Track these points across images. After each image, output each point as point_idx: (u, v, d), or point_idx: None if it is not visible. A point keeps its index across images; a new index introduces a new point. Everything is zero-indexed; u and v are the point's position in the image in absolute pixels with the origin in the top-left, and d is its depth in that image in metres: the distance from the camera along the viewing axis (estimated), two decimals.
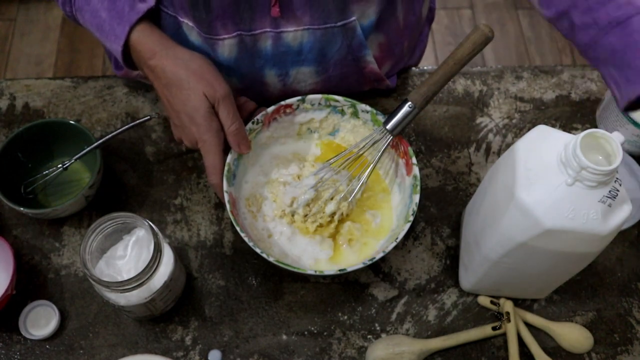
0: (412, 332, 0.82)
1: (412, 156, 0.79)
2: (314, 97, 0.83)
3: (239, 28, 0.78)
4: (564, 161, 0.61)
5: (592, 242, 0.65)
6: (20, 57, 2.06)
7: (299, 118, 0.85)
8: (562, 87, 1.00)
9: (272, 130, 0.85)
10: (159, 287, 0.74)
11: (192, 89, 0.75)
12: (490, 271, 0.75)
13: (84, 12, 0.79)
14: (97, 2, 0.78)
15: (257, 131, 0.83)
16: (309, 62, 0.83)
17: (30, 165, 0.89)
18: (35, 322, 0.81)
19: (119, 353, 0.80)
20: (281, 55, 0.82)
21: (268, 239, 0.82)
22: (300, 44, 0.81)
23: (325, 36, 0.80)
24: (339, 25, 0.79)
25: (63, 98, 0.98)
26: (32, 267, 0.85)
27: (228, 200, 0.77)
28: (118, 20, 0.77)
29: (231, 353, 0.81)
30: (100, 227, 0.73)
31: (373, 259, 0.74)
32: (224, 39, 0.80)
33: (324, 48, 0.82)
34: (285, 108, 0.83)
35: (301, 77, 0.86)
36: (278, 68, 0.84)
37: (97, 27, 0.79)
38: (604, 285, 0.85)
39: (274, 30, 0.79)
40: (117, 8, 0.77)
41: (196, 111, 0.75)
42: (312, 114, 0.85)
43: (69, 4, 0.80)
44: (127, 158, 0.93)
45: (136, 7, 0.77)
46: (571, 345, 0.81)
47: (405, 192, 0.81)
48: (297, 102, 0.83)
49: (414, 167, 0.79)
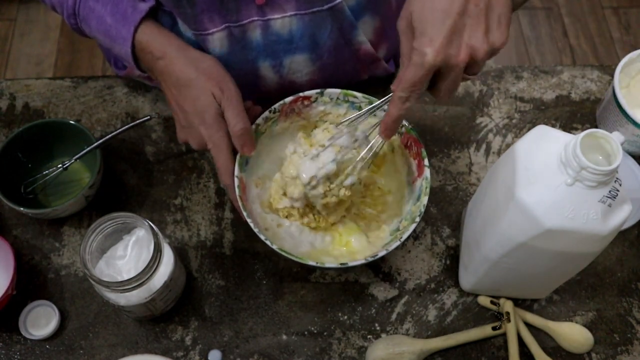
0: (412, 332, 0.82)
1: (425, 157, 0.78)
2: (333, 91, 0.81)
3: (226, 20, 0.78)
4: (564, 161, 0.61)
5: (592, 242, 0.65)
6: (20, 57, 2.06)
7: (316, 111, 0.84)
8: (562, 87, 1.00)
9: (289, 121, 0.84)
10: (159, 287, 0.74)
11: (201, 88, 0.75)
12: (490, 271, 0.75)
13: (89, 20, 0.80)
14: (101, 9, 0.78)
15: (273, 120, 0.82)
16: (302, 49, 0.83)
17: (30, 165, 0.89)
18: (35, 322, 0.81)
19: (119, 353, 0.80)
20: (272, 44, 0.82)
21: (277, 228, 0.81)
22: (290, 32, 0.80)
23: (314, 21, 0.80)
24: (326, 9, 0.79)
25: (63, 98, 0.98)
26: (32, 267, 0.85)
27: (238, 185, 0.76)
28: (122, 22, 0.77)
29: (231, 353, 0.81)
30: (100, 227, 0.73)
31: (375, 256, 0.73)
32: (212, 33, 0.80)
33: (315, 34, 0.81)
34: (304, 99, 0.82)
35: (296, 66, 0.85)
36: (272, 59, 0.84)
37: (104, 33, 0.79)
38: (604, 285, 0.85)
39: (262, 19, 0.78)
40: (120, 11, 0.77)
41: (206, 111, 0.75)
42: (331, 108, 0.83)
43: (74, 17, 0.80)
44: (127, 158, 0.93)
45: (138, 7, 0.77)
46: (571, 345, 0.81)
47: (414, 192, 0.80)
48: (316, 95, 0.82)
49: (426, 168, 0.78)
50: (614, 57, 2.07)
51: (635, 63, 0.92)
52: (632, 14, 2.17)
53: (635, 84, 0.93)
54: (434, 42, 0.60)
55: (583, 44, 2.11)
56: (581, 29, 2.14)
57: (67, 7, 0.80)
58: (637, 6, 2.18)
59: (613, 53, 2.09)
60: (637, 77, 0.93)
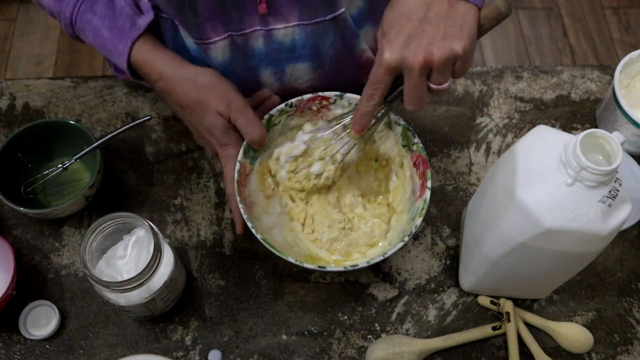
0: (412, 332, 0.82)
1: (429, 179, 0.77)
2: (352, 97, 0.81)
3: (229, 29, 0.78)
4: (564, 161, 0.61)
5: (592, 242, 0.65)
6: (20, 57, 2.06)
7: (333, 113, 0.83)
8: (562, 87, 1.00)
9: (304, 118, 0.84)
10: (159, 287, 0.74)
11: (205, 108, 0.76)
12: (490, 271, 0.75)
13: (86, 32, 0.80)
14: (99, 21, 0.78)
15: (288, 114, 0.82)
16: (304, 58, 0.83)
17: (30, 165, 0.89)
18: (35, 322, 0.81)
19: (119, 353, 0.80)
20: (274, 53, 0.82)
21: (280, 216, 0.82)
22: (292, 41, 0.80)
23: (317, 31, 0.80)
24: (329, 19, 0.79)
25: (63, 98, 0.98)
26: (32, 267, 0.85)
27: (238, 169, 0.77)
28: (119, 37, 0.78)
29: (231, 353, 0.81)
30: (100, 227, 0.73)
31: (368, 262, 0.73)
32: (215, 42, 0.79)
33: (317, 43, 0.82)
34: (322, 100, 0.82)
35: (297, 74, 0.85)
36: (273, 67, 0.84)
37: (100, 45, 0.80)
38: (604, 285, 0.85)
39: (264, 28, 0.79)
40: (118, 25, 0.78)
41: (214, 128, 0.77)
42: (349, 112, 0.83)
43: (71, 27, 0.81)
44: (127, 158, 0.93)
45: (137, 23, 0.78)
46: (571, 345, 0.81)
47: (412, 212, 0.79)
48: (335, 97, 0.82)
49: (427, 190, 0.77)
50: (614, 57, 2.07)
51: (635, 63, 0.92)
52: (632, 14, 2.17)
53: (635, 84, 0.93)
54: (392, 43, 0.64)
55: (583, 44, 2.11)
56: (581, 29, 2.14)
57: (64, 17, 0.80)
58: (637, 6, 2.18)
59: (613, 53, 2.09)
60: (637, 77, 0.93)
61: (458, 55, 0.64)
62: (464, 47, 0.64)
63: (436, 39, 0.64)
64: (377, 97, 0.70)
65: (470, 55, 0.66)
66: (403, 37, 0.64)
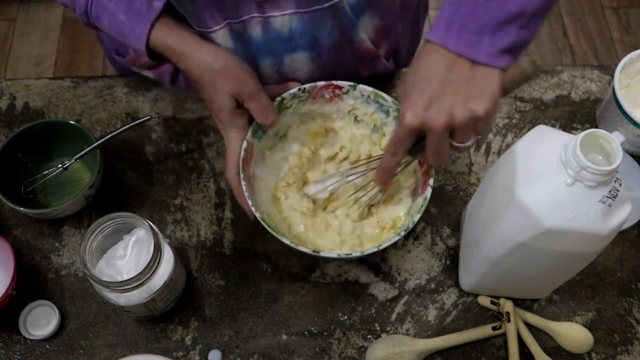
0: (412, 332, 0.82)
1: (432, 177, 0.77)
2: (365, 88, 0.82)
3: (227, 16, 0.79)
4: (564, 161, 0.61)
5: (592, 242, 0.65)
6: (20, 57, 2.06)
7: (346, 103, 0.84)
8: (562, 87, 1.00)
9: (317, 104, 0.84)
10: (159, 287, 0.74)
11: (216, 90, 0.77)
12: (490, 271, 0.75)
13: (102, 18, 0.80)
14: (114, 6, 0.78)
15: (300, 99, 0.83)
16: (302, 48, 0.83)
17: (30, 165, 0.89)
18: (35, 322, 0.81)
19: (119, 353, 0.80)
20: (272, 42, 0.82)
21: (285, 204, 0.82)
22: (290, 30, 0.81)
23: (314, 19, 0.80)
24: (327, 7, 0.79)
25: (63, 98, 0.98)
26: (32, 267, 0.85)
27: (245, 148, 0.78)
28: (137, 21, 0.78)
29: (231, 353, 0.81)
30: (100, 227, 0.73)
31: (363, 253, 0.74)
32: (215, 31, 0.80)
33: (315, 32, 0.82)
34: (335, 88, 0.83)
35: (296, 64, 0.86)
36: (272, 57, 0.84)
37: (117, 30, 0.80)
38: (604, 285, 0.85)
39: (261, 16, 0.79)
40: (135, 9, 0.78)
41: (220, 110, 0.78)
42: (360, 104, 0.84)
43: (86, 15, 0.81)
44: (127, 158, 0.93)
45: (153, 6, 0.78)
46: (571, 345, 0.81)
47: (412, 208, 0.80)
48: (349, 87, 0.82)
49: (428, 188, 0.77)
50: (614, 57, 2.07)
51: (635, 63, 0.92)
52: (632, 14, 2.17)
53: (635, 84, 0.93)
54: (414, 106, 0.65)
55: (583, 44, 2.11)
56: (581, 29, 2.14)
57: (79, 5, 0.80)
58: (637, 6, 2.18)
59: (613, 53, 2.09)
60: (637, 77, 0.93)
61: (480, 117, 0.64)
62: (486, 109, 0.64)
63: (458, 100, 0.64)
64: (400, 155, 0.71)
65: (492, 116, 0.66)
66: (425, 100, 0.64)
